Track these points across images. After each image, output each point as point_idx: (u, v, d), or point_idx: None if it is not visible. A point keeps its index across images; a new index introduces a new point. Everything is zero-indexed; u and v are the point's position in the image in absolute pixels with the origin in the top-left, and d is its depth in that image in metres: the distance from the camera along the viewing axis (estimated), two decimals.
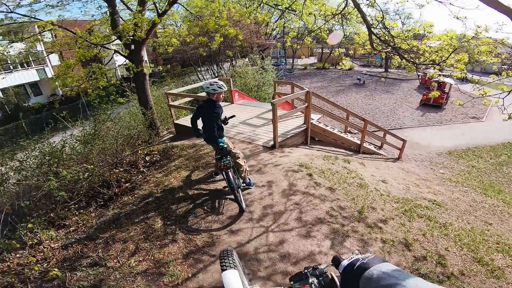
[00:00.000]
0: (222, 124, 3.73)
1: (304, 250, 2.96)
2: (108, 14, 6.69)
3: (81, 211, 3.94)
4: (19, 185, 4.24)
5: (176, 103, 7.54)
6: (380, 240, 3.24)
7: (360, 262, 0.98)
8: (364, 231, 3.33)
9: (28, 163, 4.71)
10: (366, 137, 7.92)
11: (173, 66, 23.50)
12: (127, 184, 4.64)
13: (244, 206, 3.53)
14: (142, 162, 5.40)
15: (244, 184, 3.96)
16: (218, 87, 3.48)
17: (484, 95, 4.02)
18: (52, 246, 3.23)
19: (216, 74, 17.30)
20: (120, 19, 6.90)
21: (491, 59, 4.67)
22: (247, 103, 9.02)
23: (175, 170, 4.67)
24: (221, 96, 3.67)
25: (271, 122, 6.81)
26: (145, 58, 7.49)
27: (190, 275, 2.63)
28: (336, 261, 1.17)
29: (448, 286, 2.74)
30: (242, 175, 3.83)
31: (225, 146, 3.56)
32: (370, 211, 3.81)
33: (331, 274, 1.20)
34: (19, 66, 20.50)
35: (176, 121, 7.33)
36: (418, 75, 24.71)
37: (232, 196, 3.67)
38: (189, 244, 3.04)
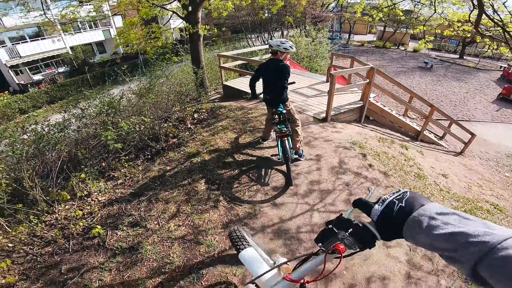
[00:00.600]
0: (285, 88, 3.41)
1: None
2: None
3: (130, 163, 4.04)
4: (78, 132, 4.45)
5: (226, 65, 7.41)
6: None
7: (398, 206, 0.76)
8: None
9: (88, 112, 5.06)
10: (429, 125, 7.02)
11: (224, 32, 23.28)
12: (174, 140, 4.74)
13: (292, 178, 3.33)
14: (190, 118, 5.47)
15: (296, 156, 3.74)
16: (290, 46, 3.18)
17: None
18: (100, 199, 3.27)
19: (266, 42, 16.66)
20: None
21: None
22: (299, 72, 8.52)
23: (222, 131, 4.62)
24: (288, 56, 3.37)
25: (323, 94, 6.36)
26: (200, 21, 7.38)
27: (227, 247, 2.53)
28: (363, 206, 0.89)
29: None
30: (297, 146, 3.61)
31: (285, 111, 3.33)
32: None
33: (360, 221, 0.92)
34: (87, 26, 22.34)
35: (225, 83, 7.26)
36: (501, 67, 21.01)
37: (280, 167, 3.51)
38: (230, 213, 2.94)
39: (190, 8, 6.92)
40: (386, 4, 6.99)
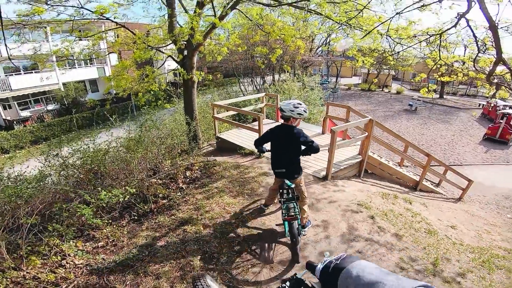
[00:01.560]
0: (316, 149, 3.00)
1: None
2: (167, 16, 6.76)
3: (113, 224, 3.67)
4: (57, 185, 4.03)
5: (220, 115, 7.30)
6: None
7: (334, 264, 0.97)
8: (441, 287, 2.86)
9: (70, 161, 4.66)
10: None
11: (216, 76, 24.08)
12: (164, 201, 4.33)
13: (300, 258, 2.94)
14: (182, 177, 5.10)
15: (303, 230, 3.37)
16: (304, 110, 2.88)
17: None
18: (76, 263, 2.90)
19: (259, 87, 17.15)
20: (177, 24, 6.96)
21: None
22: None
23: (217, 194, 4.25)
24: (299, 122, 3.07)
25: (322, 149, 6.18)
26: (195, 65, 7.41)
27: None
28: (310, 267, 1.17)
29: None
30: (304, 222, 3.31)
31: (293, 185, 3.01)
32: (445, 263, 3.25)
33: (310, 282, 1.20)
34: (82, 63, 22.57)
35: (218, 135, 7.05)
36: (480, 105, 22.23)
37: (285, 239, 3.15)
38: None
39: (185, 52, 6.89)
40: (379, 50, 7.17)
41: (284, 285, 1.22)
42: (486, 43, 4.87)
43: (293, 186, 2.97)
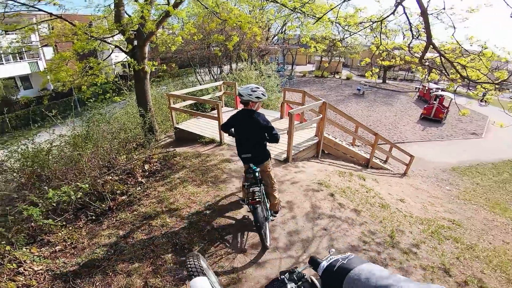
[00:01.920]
0: (276, 138, 2.93)
1: None
2: (113, 6, 6.17)
3: (69, 226, 3.37)
4: None
5: (177, 105, 7.01)
6: (420, 267, 3.06)
7: (340, 263, 0.92)
8: (401, 258, 3.13)
9: (8, 165, 4.14)
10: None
11: (171, 67, 22.90)
12: (123, 197, 4.08)
13: (268, 243, 2.95)
14: (140, 171, 4.83)
15: (275, 216, 3.41)
16: (262, 93, 2.84)
17: None
18: (36, 269, 2.65)
19: (216, 77, 16.78)
20: (125, 13, 6.42)
21: None
22: None
23: (180, 184, 4.13)
24: (260, 105, 3.03)
25: (280, 132, 6.37)
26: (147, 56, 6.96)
27: None
28: (314, 263, 1.10)
29: None
30: (276, 208, 3.29)
31: (258, 169, 2.94)
32: (400, 235, 3.60)
33: (310, 277, 1.14)
34: (10, 57, 19.59)
35: (177, 125, 6.79)
36: (416, 88, 24.91)
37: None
38: None
39: (135, 42, 6.43)
40: (335, 38, 7.50)
41: (283, 277, 1.15)
42: (419, 29, 5.42)
43: (258, 169, 2.93)
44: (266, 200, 3.16)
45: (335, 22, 6.48)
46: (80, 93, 6.92)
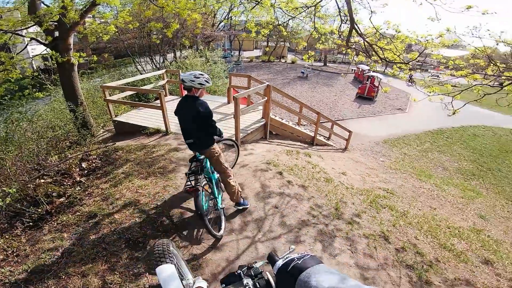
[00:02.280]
0: (217, 127, 2.96)
1: None
2: None
3: (5, 235, 3.07)
4: None
5: (114, 97, 6.47)
6: (363, 236, 3.30)
7: (295, 263, 0.90)
8: (346, 229, 3.37)
9: None
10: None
11: (105, 57, 20.69)
12: (61, 199, 3.72)
13: (221, 232, 2.93)
14: (78, 170, 4.42)
15: (239, 207, 3.37)
16: (206, 80, 2.79)
17: (431, 93, 4.35)
18: None
19: (159, 66, 15.76)
20: (42, 4, 5.65)
21: (441, 59, 5.17)
22: None
23: (126, 179, 3.90)
24: (204, 92, 2.96)
25: (227, 117, 6.43)
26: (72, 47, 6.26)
27: None
28: (271, 260, 1.06)
29: (434, 274, 2.92)
30: (234, 198, 3.24)
31: (202, 157, 2.91)
32: (344, 206, 3.90)
33: (267, 274, 1.11)
34: None
35: (116, 118, 6.29)
36: (352, 70, 27.19)
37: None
38: None
39: (56, 33, 5.71)
40: (274, 23, 7.67)
41: (239, 271, 1.11)
42: (347, 15, 5.89)
43: (202, 157, 2.90)
44: (216, 189, 3.08)
45: (277, 7, 6.65)
46: None
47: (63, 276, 2.44)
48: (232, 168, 4.12)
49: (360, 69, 23.05)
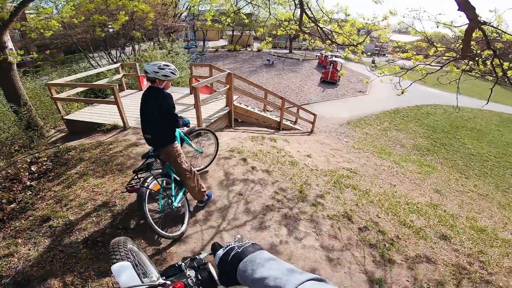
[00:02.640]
0: (179, 121, 2.79)
1: (265, 243, 2.84)
2: None
3: None
4: None
5: (63, 95, 5.99)
6: (327, 217, 3.36)
7: (235, 252, 0.85)
8: (311, 211, 3.41)
9: None
10: (284, 114, 8.34)
11: (53, 53, 18.91)
12: (12, 205, 3.47)
13: (177, 232, 2.78)
14: (27, 174, 4.09)
15: (201, 204, 3.28)
16: (171, 72, 2.61)
17: (382, 74, 4.62)
18: None
19: (116, 60, 14.80)
20: None
21: (388, 42, 5.47)
22: None
23: (80, 179, 3.68)
24: (169, 84, 2.77)
25: (190, 108, 6.30)
26: (10, 45, 5.66)
27: None
28: (214, 250, 0.99)
29: (395, 252, 3.03)
30: (196, 197, 3.12)
31: (154, 154, 2.73)
32: (308, 188, 3.94)
33: (208, 265, 1.05)
34: None
35: (66, 117, 5.85)
36: (316, 56, 27.79)
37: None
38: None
39: None
40: (232, 10, 7.57)
41: (181, 263, 1.07)
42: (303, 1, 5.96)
43: (153, 154, 2.73)
44: (175, 188, 2.94)
45: None
46: None
47: (23, 281, 2.32)
48: (212, 161, 4.05)
49: (323, 55, 23.67)
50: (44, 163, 4.28)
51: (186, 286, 0.96)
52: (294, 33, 7.47)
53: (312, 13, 5.32)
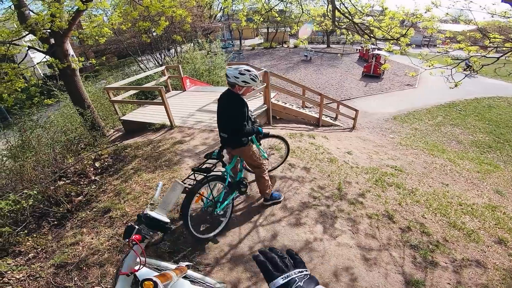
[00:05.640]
0: (250, 127, 2.72)
1: (299, 239, 2.85)
2: (13, 7, 5.53)
3: (33, 235, 3.32)
4: None
5: (119, 97, 6.65)
6: (366, 216, 3.27)
7: (296, 285, 0.76)
8: (348, 209, 3.34)
9: None
10: (323, 110, 8.12)
11: (108, 58, 21.00)
12: (79, 198, 3.97)
13: (209, 234, 2.80)
14: (92, 169, 4.65)
15: (266, 203, 3.31)
16: (252, 78, 2.49)
17: (431, 66, 4.26)
18: (17, 277, 2.70)
19: (161, 62, 15.89)
20: (31, 12, 5.80)
21: (437, 34, 5.01)
22: (201, 89, 8.45)
23: (135, 174, 4.09)
24: (250, 90, 2.66)
25: None
26: (71, 52, 6.42)
27: None
28: (269, 278, 0.83)
29: (440, 254, 2.83)
30: (264, 193, 3.20)
31: (216, 156, 2.62)
32: (347, 186, 3.83)
33: (149, 214, 1.30)
34: None
35: (123, 118, 6.49)
36: (357, 49, 26.39)
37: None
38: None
39: (52, 41, 5.88)
40: (264, 9, 7.64)
41: (130, 223, 1.27)
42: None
43: (217, 155, 2.63)
44: (224, 196, 2.89)
45: None
46: (2, 103, 6.20)
47: (84, 268, 2.64)
48: (277, 167, 4.06)
49: (364, 48, 22.37)
50: (106, 160, 4.83)
51: (142, 235, 1.19)
52: (330, 28, 7.26)
53: (346, 8, 5.10)
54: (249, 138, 2.82)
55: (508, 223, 3.75)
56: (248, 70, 2.49)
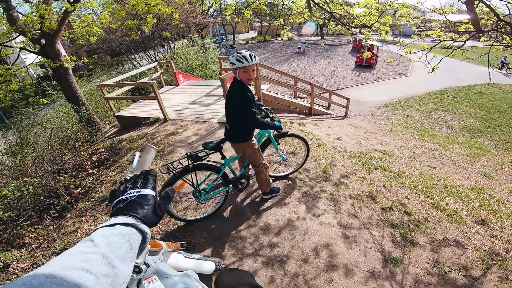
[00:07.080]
0: (266, 120, 2.54)
1: (283, 218, 2.97)
2: (1, 10, 5.63)
3: (36, 226, 3.52)
4: None
5: (113, 94, 6.79)
6: (349, 196, 3.36)
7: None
8: (332, 190, 3.43)
9: None
10: (315, 99, 8.29)
11: (101, 57, 20.96)
12: (78, 190, 4.17)
13: (190, 218, 2.84)
14: (89, 163, 4.83)
15: (266, 197, 3.28)
16: (237, 59, 2.25)
17: (409, 52, 4.43)
18: (22, 266, 2.89)
19: (154, 59, 15.93)
20: (20, 14, 5.88)
21: (410, 21, 5.18)
22: (194, 83, 8.59)
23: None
24: (251, 74, 2.33)
25: (221, 99, 6.66)
26: (63, 52, 6.51)
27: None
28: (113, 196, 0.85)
29: (420, 234, 2.87)
30: (263, 189, 3.14)
31: (210, 149, 2.46)
32: (333, 169, 3.92)
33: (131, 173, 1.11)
34: None
35: (118, 113, 6.64)
36: (350, 40, 26.43)
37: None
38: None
39: (43, 41, 5.98)
40: (252, 1, 7.70)
41: (113, 188, 1.24)
42: None
43: (212, 149, 2.47)
44: (211, 186, 2.78)
45: None
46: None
47: None
48: (297, 170, 3.78)
49: (357, 39, 22.45)
50: (102, 154, 5.01)
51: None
52: (309, 19, 7.36)
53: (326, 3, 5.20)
54: (250, 133, 2.60)
55: (493, 205, 3.75)
56: (239, 53, 2.30)
